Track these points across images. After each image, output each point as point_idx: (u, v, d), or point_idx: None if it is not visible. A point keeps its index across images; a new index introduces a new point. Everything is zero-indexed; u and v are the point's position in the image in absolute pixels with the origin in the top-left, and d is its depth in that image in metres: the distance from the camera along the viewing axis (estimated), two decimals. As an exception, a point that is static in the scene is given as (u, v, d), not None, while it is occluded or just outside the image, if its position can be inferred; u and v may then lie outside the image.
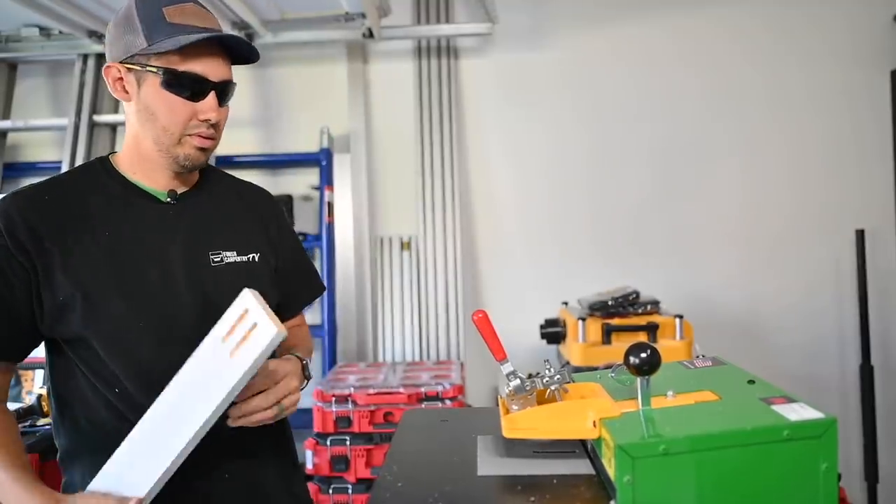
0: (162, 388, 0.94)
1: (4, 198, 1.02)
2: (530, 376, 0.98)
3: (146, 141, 1.03)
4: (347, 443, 2.30)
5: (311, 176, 3.21)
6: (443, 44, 3.15)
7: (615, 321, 2.38)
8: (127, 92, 1.02)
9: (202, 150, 1.04)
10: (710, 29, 3.09)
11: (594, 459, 0.91)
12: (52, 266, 0.97)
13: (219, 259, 1.08)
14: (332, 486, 2.30)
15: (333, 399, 2.30)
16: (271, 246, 1.17)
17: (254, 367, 0.88)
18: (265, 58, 3.18)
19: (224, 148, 3.10)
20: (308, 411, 2.39)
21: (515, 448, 0.97)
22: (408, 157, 3.16)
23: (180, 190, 1.09)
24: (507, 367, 0.96)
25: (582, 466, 0.91)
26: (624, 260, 3.07)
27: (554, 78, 3.13)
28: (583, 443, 0.97)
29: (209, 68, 1.01)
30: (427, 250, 3.09)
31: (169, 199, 1.08)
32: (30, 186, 1.04)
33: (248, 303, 0.90)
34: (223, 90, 1.04)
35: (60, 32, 2.83)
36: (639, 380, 0.89)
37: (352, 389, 2.33)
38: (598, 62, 3.12)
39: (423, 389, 2.34)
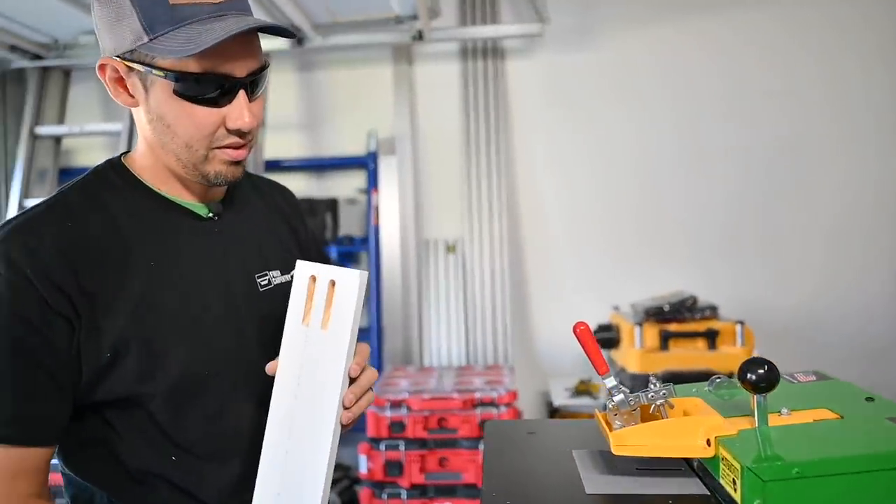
0: (232, 443, 0.85)
1: (10, 230, 0.76)
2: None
3: (167, 156, 0.83)
4: (401, 448, 2.28)
5: (355, 179, 3.21)
6: (489, 45, 3.12)
7: (672, 327, 2.34)
8: (132, 96, 0.80)
9: (236, 163, 0.84)
10: (764, 29, 3.01)
11: (704, 478, 0.88)
12: (96, 312, 0.76)
13: (266, 282, 0.92)
14: (386, 491, 2.29)
15: (388, 403, 2.29)
16: (303, 254, 1.00)
17: (356, 323, 0.79)
18: (311, 61, 3.19)
19: (271, 151, 3.16)
20: (361, 415, 2.38)
21: (618, 464, 0.94)
22: (453, 159, 3.14)
23: (217, 199, 0.91)
24: (610, 381, 0.93)
25: (693, 486, 0.87)
26: (673, 264, 3.01)
27: (603, 79, 3.09)
28: (687, 460, 0.94)
29: (234, 62, 0.78)
30: (474, 253, 3.07)
31: (211, 215, 0.89)
32: (38, 212, 0.79)
33: (310, 270, 0.81)
34: (254, 81, 0.81)
35: (115, 38, 2.87)
36: (755, 397, 0.85)
37: (406, 394, 2.31)
38: (648, 63, 3.07)
39: (477, 395, 2.31)
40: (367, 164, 3.09)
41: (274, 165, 3.05)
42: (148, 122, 0.82)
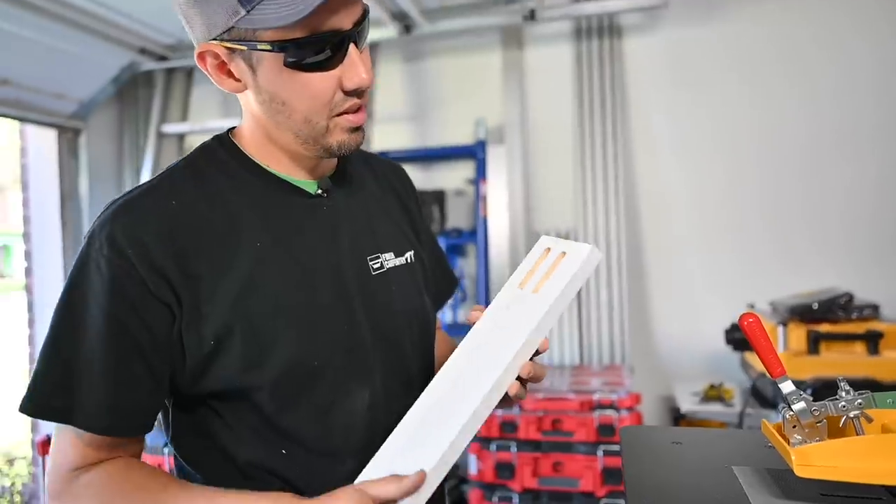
0: (344, 437, 0.78)
1: (114, 212, 0.72)
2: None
3: (284, 135, 0.77)
4: (513, 449, 2.16)
5: (463, 169, 3.12)
6: (604, 22, 2.93)
7: (824, 328, 2.05)
8: (238, 80, 0.74)
9: (357, 129, 0.77)
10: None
11: (918, 513, 0.69)
12: (199, 297, 0.72)
13: (378, 265, 0.84)
14: (497, 494, 2.18)
15: (499, 402, 2.18)
16: (417, 236, 0.95)
17: (567, 292, 0.75)
18: (418, 50, 3.14)
19: (378, 143, 3.13)
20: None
21: (793, 487, 0.77)
22: (566, 147, 2.98)
23: (327, 175, 0.84)
24: (787, 386, 0.76)
25: (904, 522, 0.69)
26: (814, 259, 2.68)
27: (729, 56, 2.80)
28: (889, 487, 0.75)
29: (340, 13, 0.70)
30: (588, 246, 2.88)
31: (320, 192, 0.83)
32: (143, 191, 0.75)
33: (547, 243, 0.83)
34: (359, 31, 0.73)
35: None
36: None
37: (518, 393, 2.19)
38: (781, 37, 2.75)
39: (595, 397, 2.15)
40: (475, 153, 2.99)
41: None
42: (259, 103, 0.76)
